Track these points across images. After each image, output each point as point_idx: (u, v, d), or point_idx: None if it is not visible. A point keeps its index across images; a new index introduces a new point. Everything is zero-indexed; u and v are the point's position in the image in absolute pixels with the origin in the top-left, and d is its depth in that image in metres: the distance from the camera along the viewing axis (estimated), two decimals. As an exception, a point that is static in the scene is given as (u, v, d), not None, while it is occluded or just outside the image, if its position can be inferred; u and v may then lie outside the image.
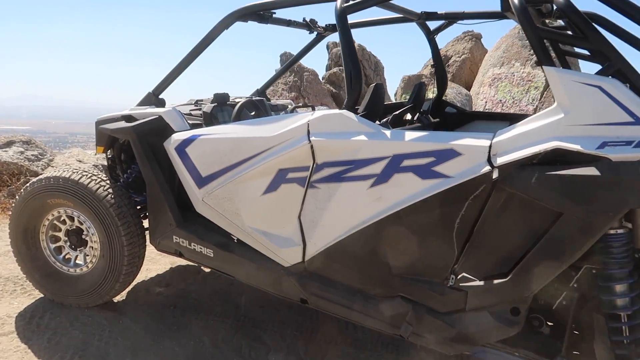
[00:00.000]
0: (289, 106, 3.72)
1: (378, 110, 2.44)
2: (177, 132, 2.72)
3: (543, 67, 1.81)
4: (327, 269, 2.32)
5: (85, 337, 2.84)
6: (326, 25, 3.51)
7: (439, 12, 3.13)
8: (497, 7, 3.09)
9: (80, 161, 6.10)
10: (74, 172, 2.93)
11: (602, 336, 1.94)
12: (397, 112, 2.89)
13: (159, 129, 2.76)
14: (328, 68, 18.47)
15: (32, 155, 5.69)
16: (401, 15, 3.14)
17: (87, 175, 2.92)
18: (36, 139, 7.05)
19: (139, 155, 2.78)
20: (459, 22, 3.14)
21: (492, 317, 1.96)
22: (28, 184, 3.03)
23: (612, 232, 1.83)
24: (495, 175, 1.84)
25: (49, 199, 2.95)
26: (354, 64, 2.16)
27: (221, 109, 3.06)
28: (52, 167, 5.70)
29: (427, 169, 1.96)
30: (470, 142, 1.90)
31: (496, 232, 1.92)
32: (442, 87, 3.48)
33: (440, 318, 2.06)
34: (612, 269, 1.85)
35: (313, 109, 3.67)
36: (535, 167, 1.77)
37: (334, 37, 3.71)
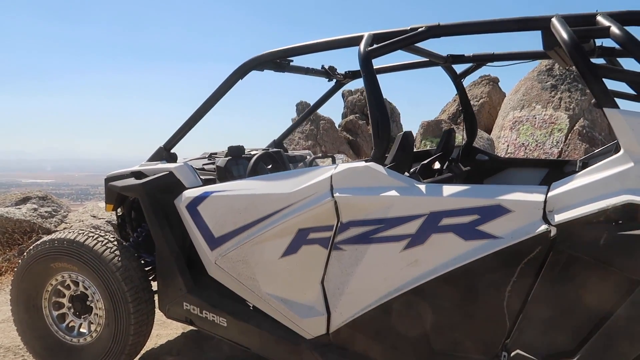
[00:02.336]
0: (308, 157, 3.52)
1: (407, 161, 2.21)
2: (188, 188, 2.52)
3: (604, 109, 1.56)
4: (355, 342, 2.03)
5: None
6: (345, 72, 3.36)
7: (466, 55, 2.94)
8: (527, 48, 2.91)
9: (94, 216, 5.95)
10: (79, 234, 2.73)
11: None
12: (425, 162, 2.66)
13: (170, 186, 2.57)
14: (344, 116, 18.54)
15: (46, 211, 5.56)
16: (427, 59, 2.97)
17: (93, 236, 2.71)
18: (54, 194, 6.97)
19: (148, 214, 2.58)
20: (488, 64, 2.95)
21: None
22: (31, 247, 2.83)
23: None
24: (553, 235, 1.57)
25: (53, 263, 2.75)
26: (381, 111, 1.95)
27: (236, 163, 2.86)
28: (65, 223, 5.56)
29: (471, 229, 1.70)
30: (521, 197, 1.64)
31: (556, 301, 1.62)
32: (471, 133, 3.25)
33: None
34: None
35: (333, 160, 3.47)
36: (603, 225, 1.49)
37: (350, 85, 3.56)
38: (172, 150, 2.81)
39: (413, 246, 1.80)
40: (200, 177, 2.62)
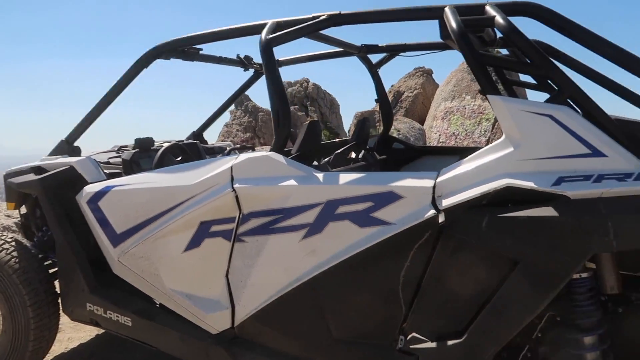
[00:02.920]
0: (228, 148, 3.44)
1: (314, 150, 2.19)
2: (90, 183, 2.39)
3: (487, 96, 1.61)
4: (260, 335, 1.99)
5: None
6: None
7: (380, 45, 2.96)
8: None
9: (8, 216, 5.57)
10: (-29, 234, 2.53)
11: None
12: (338, 151, 2.66)
13: (71, 181, 2.42)
14: (284, 107, 18.47)
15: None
16: (340, 49, 2.96)
17: (-12, 236, 2.52)
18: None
19: (47, 211, 2.43)
20: (402, 54, 2.98)
21: None
22: None
23: (575, 276, 1.61)
24: (441, 219, 1.60)
25: (-58, 267, 2.52)
26: (282, 101, 1.92)
27: (148, 156, 2.73)
28: (-27, 224, 5.16)
29: (365, 216, 1.70)
30: (411, 183, 1.66)
31: (447, 284, 1.66)
32: (387, 123, 3.29)
33: None
34: (577, 319, 1.62)
35: (253, 150, 3.40)
36: (485, 209, 1.54)
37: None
38: (75, 144, 2.66)
39: (311, 235, 1.79)
40: (105, 171, 2.49)
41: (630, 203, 1.36)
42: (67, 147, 2.60)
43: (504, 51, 2.67)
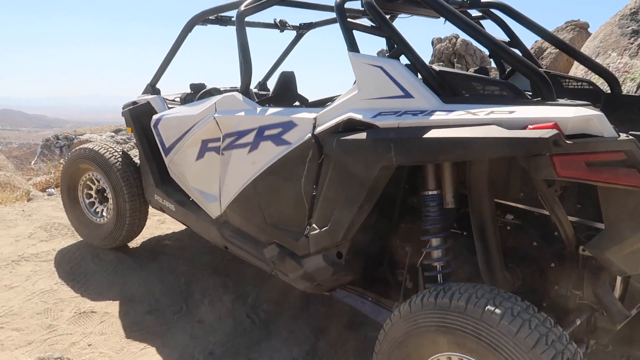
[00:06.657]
0: None
1: (285, 95, 2.95)
2: (157, 113, 3.51)
3: (348, 53, 2.18)
4: (232, 219, 2.90)
5: (97, 269, 3.79)
6: (300, 24, 4.01)
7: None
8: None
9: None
10: (96, 145, 3.89)
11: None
12: None
13: (147, 112, 3.58)
14: (430, 64, 18.31)
15: (122, 139, 7.03)
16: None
17: (104, 147, 3.85)
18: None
19: (134, 131, 3.63)
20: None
21: (324, 259, 2.37)
22: (69, 152, 4.07)
23: (427, 193, 2.15)
24: (317, 142, 2.27)
25: (80, 164, 3.95)
26: (245, 57, 2.71)
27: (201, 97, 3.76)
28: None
29: (279, 137, 2.44)
30: (303, 115, 2.35)
31: (327, 189, 2.33)
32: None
33: (295, 260, 2.52)
34: (426, 225, 2.17)
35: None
36: (337, 134, 2.17)
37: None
38: (157, 86, 3.81)
39: (252, 151, 2.59)
40: (169, 106, 3.60)
41: (411, 131, 1.88)
42: (151, 88, 3.77)
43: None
